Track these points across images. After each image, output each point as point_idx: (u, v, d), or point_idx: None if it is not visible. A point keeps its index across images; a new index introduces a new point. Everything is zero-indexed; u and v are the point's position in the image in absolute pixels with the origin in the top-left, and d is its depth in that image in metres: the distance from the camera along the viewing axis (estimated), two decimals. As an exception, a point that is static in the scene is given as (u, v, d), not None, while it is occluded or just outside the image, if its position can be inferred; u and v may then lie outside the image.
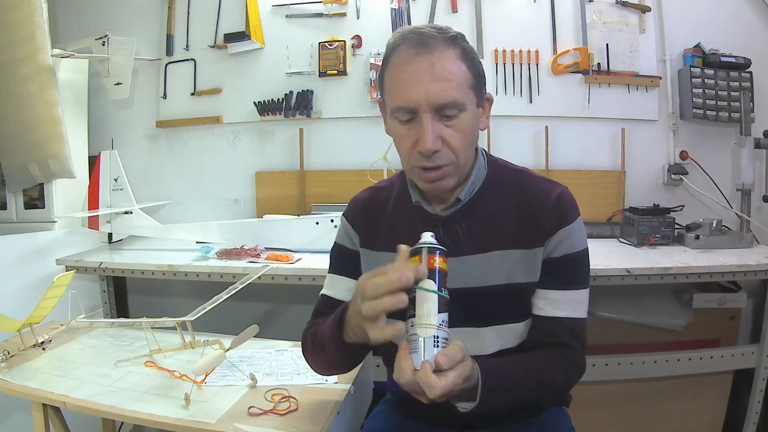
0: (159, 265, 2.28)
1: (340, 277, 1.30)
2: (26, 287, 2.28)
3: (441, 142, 1.04)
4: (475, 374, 0.95)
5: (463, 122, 1.05)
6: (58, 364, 1.50)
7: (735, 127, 2.54)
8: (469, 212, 1.16)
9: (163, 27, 2.94)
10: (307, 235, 2.40)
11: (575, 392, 1.36)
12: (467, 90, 1.05)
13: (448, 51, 1.03)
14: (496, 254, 1.13)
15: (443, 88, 1.01)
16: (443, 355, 0.86)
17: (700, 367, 2.24)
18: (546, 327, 1.14)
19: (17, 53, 2.47)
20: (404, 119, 1.06)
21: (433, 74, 1.01)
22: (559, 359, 1.12)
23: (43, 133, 2.51)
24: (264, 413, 1.20)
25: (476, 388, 0.96)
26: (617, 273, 2.00)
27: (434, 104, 1.02)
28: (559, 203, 1.13)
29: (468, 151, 1.10)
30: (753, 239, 2.40)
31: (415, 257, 0.91)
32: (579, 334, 1.15)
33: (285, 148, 2.89)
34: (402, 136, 1.09)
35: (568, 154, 2.68)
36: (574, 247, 1.13)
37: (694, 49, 2.58)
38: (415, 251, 0.92)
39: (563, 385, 1.15)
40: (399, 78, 1.05)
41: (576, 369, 1.15)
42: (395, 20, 2.71)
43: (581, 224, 1.16)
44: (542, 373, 1.09)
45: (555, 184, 1.17)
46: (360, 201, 1.32)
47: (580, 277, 1.16)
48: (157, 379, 1.40)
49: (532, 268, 1.13)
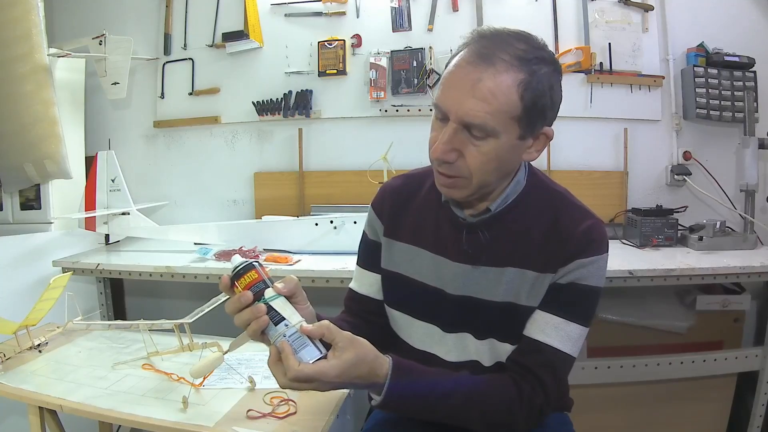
0: (156, 267, 2.27)
1: (362, 270, 1.31)
2: (22, 289, 2.27)
3: (456, 155, 1.01)
4: (384, 367, 0.98)
5: (489, 147, 0.99)
6: (55, 367, 1.50)
7: (739, 127, 2.53)
8: (495, 223, 1.12)
9: (161, 26, 2.92)
10: (306, 236, 2.39)
11: (577, 396, 1.36)
12: (506, 120, 0.98)
13: (507, 74, 0.96)
14: (510, 271, 1.10)
15: (476, 107, 0.96)
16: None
17: (703, 369, 2.24)
18: (524, 348, 1.09)
19: (13, 52, 2.45)
20: (439, 116, 1.03)
21: (474, 90, 0.96)
22: (508, 389, 1.05)
23: (39, 133, 2.49)
24: (263, 416, 1.20)
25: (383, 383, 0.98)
26: (620, 275, 1.99)
27: (461, 119, 0.98)
28: (585, 235, 1.07)
29: (488, 176, 1.03)
30: (757, 240, 2.40)
31: (248, 273, 0.97)
32: (556, 369, 1.08)
33: (284, 149, 2.88)
34: (432, 131, 1.06)
35: (570, 155, 2.67)
36: (585, 279, 1.07)
37: (697, 49, 2.57)
38: (246, 268, 0.97)
39: (500, 418, 1.05)
40: (448, 78, 1.01)
41: (526, 408, 1.05)
42: (395, 19, 2.70)
43: (603, 263, 1.09)
44: (477, 392, 1.05)
45: (589, 216, 1.10)
46: (390, 188, 1.30)
47: (579, 311, 1.09)
48: (154, 381, 1.40)
49: (537, 293, 1.09)
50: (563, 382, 1.10)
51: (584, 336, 1.09)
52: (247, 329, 0.95)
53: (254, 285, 0.95)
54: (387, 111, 2.70)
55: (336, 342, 0.93)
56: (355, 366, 0.93)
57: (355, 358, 0.93)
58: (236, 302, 0.94)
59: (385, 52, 2.69)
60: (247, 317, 0.94)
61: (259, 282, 0.96)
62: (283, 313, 0.94)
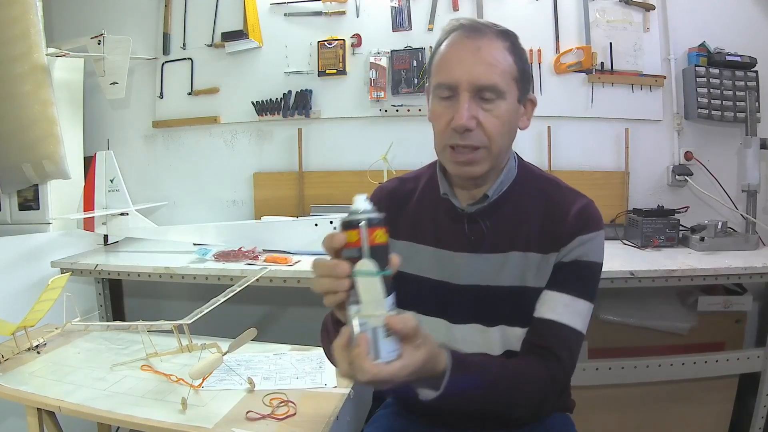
0: (155, 268, 2.26)
1: None
2: (21, 290, 2.27)
3: (476, 123, 1.06)
4: (443, 361, 0.91)
5: (501, 109, 1.07)
6: (53, 368, 1.50)
7: (740, 127, 2.52)
8: (494, 211, 1.16)
9: (160, 25, 2.92)
10: (305, 236, 2.38)
11: (578, 397, 1.36)
12: (510, 81, 1.07)
13: (498, 41, 1.07)
14: (513, 255, 1.13)
15: (486, 71, 1.04)
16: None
17: (704, 371, 2.23)
18: (538, 328, 1.11)
19: (11, 52, 2.45)
20: (444, 95, 1.08)
21: (479, 57, 1.05)
22: (539, 370, 1.06)
23: (37, 133, 2.49)
24: (262, 418, 1.20)
25: (442, 376, 0.91)
26: (621, 275, 1.99)
27: (474, 84, 1.04)
28: (581, 213, 1.12)
29: (503, 140, 1.10)
30: (759, 241, 2.40)
31: (350, 231, 0.79)
32: (570, 345, 1.10)
33: (283, 149, 2.87)
34: (439, 114, 1.10)
35: (571, 155, 2.67)
36: (587, 255, 1.11)
37: (699, 48, 2.57)
38: (350, 224, 0.80)
39: (538, 399, 1.07)
40: (446, 57, 1.09)
41: (555, 386, 1.08)
42: (395, 18, 2.70)
43: (601, 239, 1.14)
44: (518, 377, 1.04)
45: (581, 196, 1.16)
46: (386, 190, 1.31)
47: (584, 286, 1.12)
48: (153, 383, 1.39)
49: (543, 274, 1.12)
50: (575, 359, 1.11)
51: (590, 312, 1.13)
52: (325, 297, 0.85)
53: (352, 249, 0.79)
54: (387, 111, 2.69)
55: (414, 339, 0.83)
56: (424, 365, 0.85)
57: (427, 356, 0.85)
58: (324, 267, 0.83)
59: (385, 52, 2.69)
60: (327, 286, 0.83)
61: (356, 248, 0.79)
62: (366, 297, 0.78)
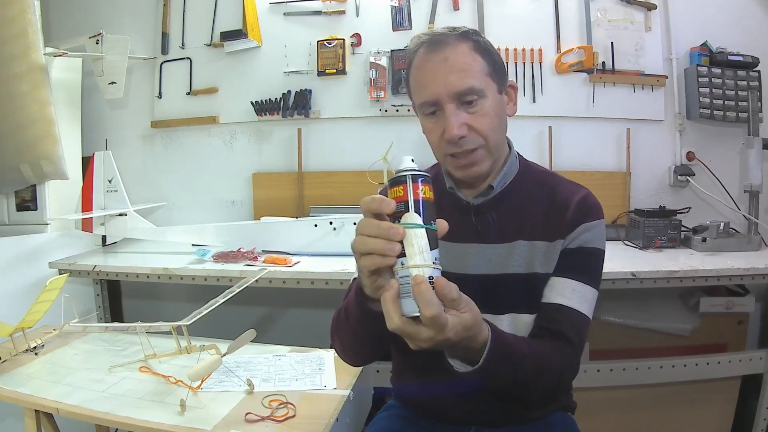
0: (154, 269, 2.25)
1: None
2: (18, 291, 2.26)
3: (467, 129, 1.11)
4: (484, 333, 0.92)
5: (485, 108, 1.12)
6: (51, 370, 1.49)
7: (743, 127, 2.52)
8: (499, 202, 1.21)
9: (158, 25, 2.91)
10: (305, 237, 2.37)
11: (580, 398, 1.37)
12: (484, 77, 1.12)
13: (461, 45, 1.11)
14: (520, 244, 1.18)
15: (459, 77, 1.09)
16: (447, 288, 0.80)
17: (707, 372, 2.23)
18: (548, 313, 1.15)
19: (9, 52, 2.45)
20: (429, 112, 1.15)
21: (448, 67, 1.10)
22: (556, 350, 1.10)
23: (35, 133, 2.48)
24: (261, 419, 1.19)
25: (481, 349, 0.92)
26: (622, 276, 1.99)
27: (453, 93, 1.09)
28: (583, 202, 1.19)
29: (497, 134, 1.16)
30: (761, 242, 2.39)
31: (397, 187, 0.82)
32: (580, 329, 1.14)
33: (283, 149, 2.86)
34: (430, 129, 1.17)
35: (572, 155, 2.66)
36: (591, 242, 1.17)
37: (700, 48, 2.57)
38: (397, 180, 0.83)
39: (557, 378, 1.12)
40: (419, 77, 1.15)
41: (570, 367, 1.14)
42: (395, 18, 2.69)
43: (602, 227, 1.20)
44: (542, 358, 1.07)
45: (581, 187, 1.23)
46: None
47: (589, 272, 1.17)
48: (151, 384, 1.38)
49: (551, 260, 1.17)
50: (584, 344, 1.16)
51: (596, 299, 1.18)
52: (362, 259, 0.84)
53: (398, 203, 0.81)
54: (387, 111, 2.69)
55: (458, 305, 0.83)
56: (470, 329, 0.86)
57: (473, 320, 0.85)
58: (377, 227, 0.82)
59: (385, 52, 2.68)
60: (377, 247, 0.81)
61: (402, 201, 0.81)
62: (411, 249, 0.78)
